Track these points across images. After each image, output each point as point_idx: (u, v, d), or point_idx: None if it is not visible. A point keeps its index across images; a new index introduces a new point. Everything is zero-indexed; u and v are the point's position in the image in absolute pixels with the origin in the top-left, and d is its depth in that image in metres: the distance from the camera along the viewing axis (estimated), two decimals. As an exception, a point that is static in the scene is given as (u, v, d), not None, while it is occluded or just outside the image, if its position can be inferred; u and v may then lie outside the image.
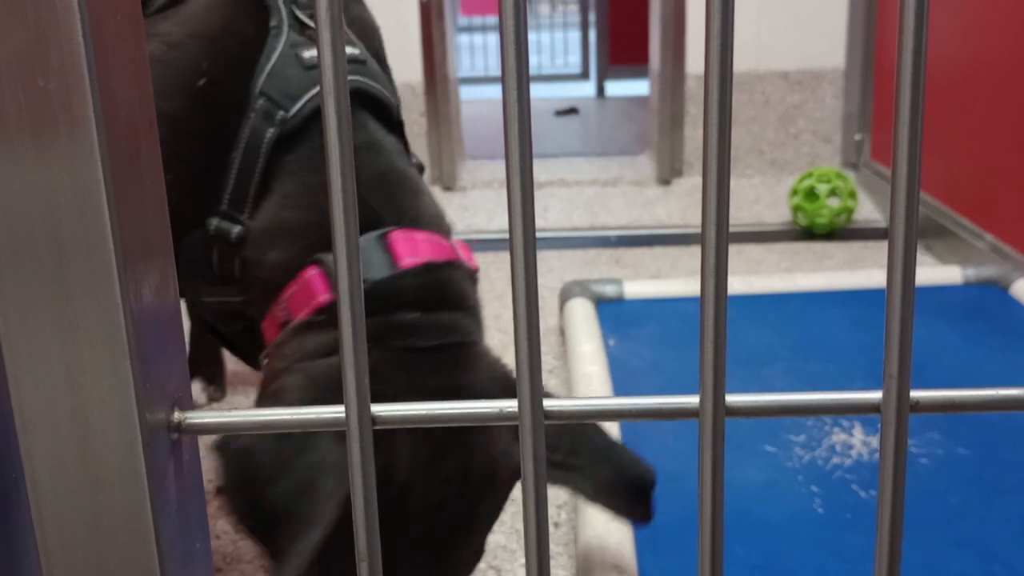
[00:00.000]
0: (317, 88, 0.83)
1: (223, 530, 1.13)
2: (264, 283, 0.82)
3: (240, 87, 0.83)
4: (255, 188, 0.82)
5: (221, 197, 0.83)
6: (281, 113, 0.82)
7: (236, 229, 0.83)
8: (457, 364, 0.76)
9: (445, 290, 0.79)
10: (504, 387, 0.76)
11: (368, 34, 0.96)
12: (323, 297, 0.78)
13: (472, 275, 0.83)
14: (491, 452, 0.74)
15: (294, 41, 0.86)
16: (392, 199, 0.82)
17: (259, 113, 0.83)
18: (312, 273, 0.78)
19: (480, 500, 0.75)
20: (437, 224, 0.84)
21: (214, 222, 0.83)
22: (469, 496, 0.74)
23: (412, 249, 0.79)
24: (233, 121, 0.83)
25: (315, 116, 0.83)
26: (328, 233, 0.30)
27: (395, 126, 0.89)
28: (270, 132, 0.82)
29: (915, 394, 0.28)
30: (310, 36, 0.87)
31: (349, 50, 0.87)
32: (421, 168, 0.92)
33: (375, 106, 0.87)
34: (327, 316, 0.78)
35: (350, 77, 0.84)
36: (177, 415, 0.33)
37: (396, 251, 0.78)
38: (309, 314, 0.78)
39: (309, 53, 0.85)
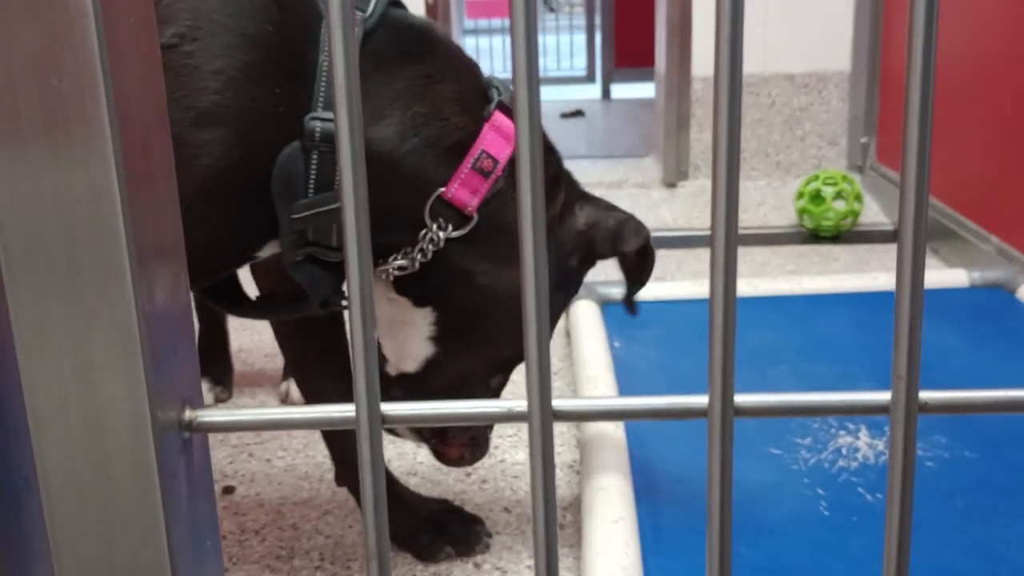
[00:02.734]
0: None
1: (228, 530, 1.13)
2: (443, 150, 0.87)
3: None
4: None
5: (311, 103, 0.83)
6: (359, 14, 0.85)
7: None
8: None
9: None
10: None
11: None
12: None
13: None
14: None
15: None
16: None
17: None
18: (500, 114, 0.89)
19: None
20: None
21: (317, 125, 0.82)
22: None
23: None
24: (309, 28, 0.83)
25: (385, 14, 0.88)
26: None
27: None
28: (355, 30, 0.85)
29: (924, 395, 0.28)
30: None
31: None
32: None
33: None
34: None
35: None
36: (188, 414, 0.33)
37: None
38: None
39: None
